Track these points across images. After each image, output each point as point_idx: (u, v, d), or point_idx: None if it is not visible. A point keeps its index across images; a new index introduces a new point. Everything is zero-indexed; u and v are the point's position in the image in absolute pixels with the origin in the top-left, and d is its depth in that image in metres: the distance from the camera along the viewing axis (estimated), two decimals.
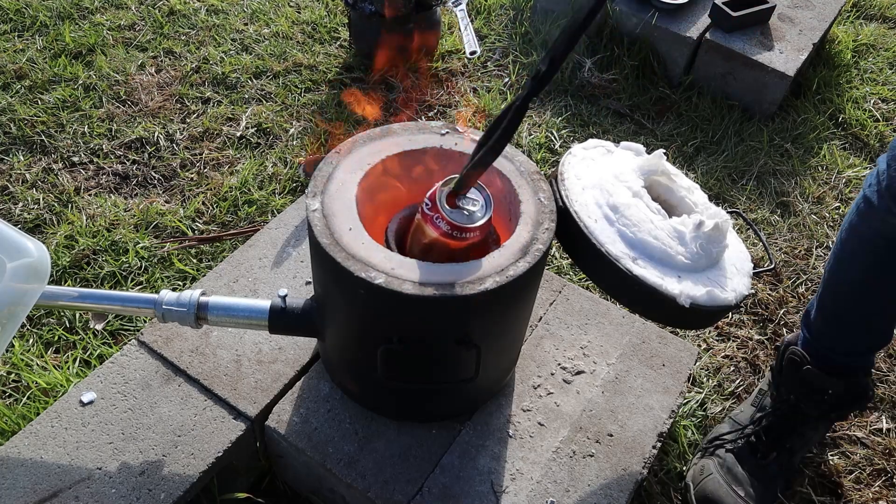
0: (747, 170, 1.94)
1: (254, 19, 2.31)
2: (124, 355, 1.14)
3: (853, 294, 1.19)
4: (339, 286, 0.91)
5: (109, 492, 0.98)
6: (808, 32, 2.19)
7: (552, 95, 2.12)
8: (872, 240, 1.11)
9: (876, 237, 1.11)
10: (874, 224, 1.10)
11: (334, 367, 1.09)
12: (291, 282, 1.28)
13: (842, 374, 1.21)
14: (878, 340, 1.22)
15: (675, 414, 1.17)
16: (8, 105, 1.90)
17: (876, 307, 1.18)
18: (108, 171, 1.77)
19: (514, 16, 2.38)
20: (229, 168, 1.79)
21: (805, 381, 1.22)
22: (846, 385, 1.20)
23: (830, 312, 1.22)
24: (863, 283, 1.17)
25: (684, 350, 1.26)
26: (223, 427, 1.06)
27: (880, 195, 1.06)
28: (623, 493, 1.05)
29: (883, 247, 1.10)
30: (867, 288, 1.17)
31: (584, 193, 0.99)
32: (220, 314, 1.01)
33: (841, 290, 1.20)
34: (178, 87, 2.02)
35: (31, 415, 1.22)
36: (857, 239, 1.14)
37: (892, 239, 1.09)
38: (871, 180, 1.09)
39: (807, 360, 1.23)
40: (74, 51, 2.10)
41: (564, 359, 1.21)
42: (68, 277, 1.51)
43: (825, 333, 1.23)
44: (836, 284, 1.21)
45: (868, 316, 1.20)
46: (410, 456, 1.05)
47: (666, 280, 0.93)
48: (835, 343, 1.23)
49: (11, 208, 1.65)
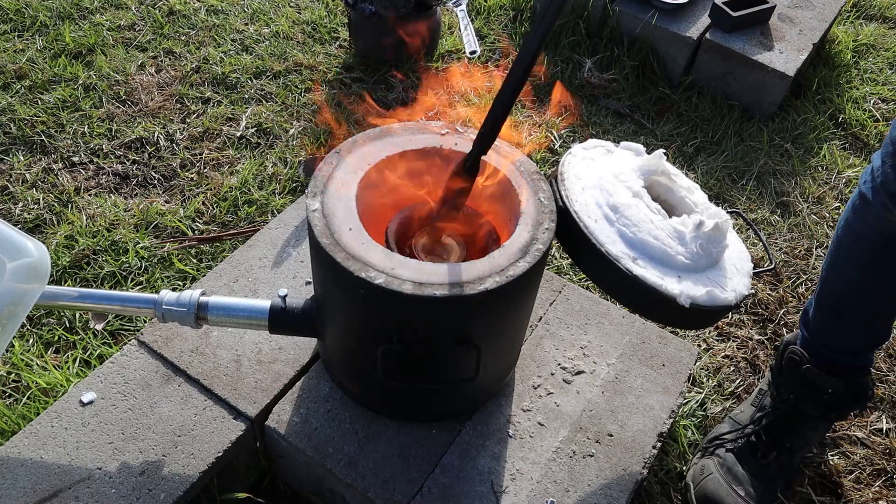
0: (747, 170, 1.94)
1: (254, 19, 2.31)
2: (124, 355, 1.14)
3: (851, 292, 1.18)
4: (339, 286, 0.91)
5: (109, 492, 0.98)
6: (808, 32, 2.19)
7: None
8: (869, 237, 1.11)
9: (872, 234, 1.11)
10: (870, 221, 1.10)
11: (334, 367, 1.09)
12: (291, 282, 1.28)
13: (841, 373, 1.21)
14: (877, 338, 1.22)
15: (675, 414, 1.17)
16: (8, 105, 1.90)
17: (874, 305, 1.18)
18: (108, 171, 1.77)
19: (514, 16, 2.38)
20: (229, 168, 1.79)
21: (805, 381, 1.22)
22: (846, 384, 1.20)
23: (828, 311, 1.22)
24: (860, 281, 1.16)
25: (684, 350, 1.26)
26: (223, 427, 1.06)
27: (875, 191, 1.06)
28: (623, 493, 1.05)
29: (879, 243, 1.10)
30: (864, 286, 1.16)
31: (584, 193, 0.99)
32: (220, 314, 1.01)
33: (838, 289, 1.20)
34: (178, 87, 2.02)
35: (31, 415, 1.22)
36: (854, 236, 1.14)
37: (888, 235, 1.09)
38: (865, 177, 1.09)
39: (806, 360, 1.23)
40: (74, 51, 2.10)
41: (564, 359, 1.21)
42: (68, 277, 1.51)
43: (824, 332, 1.23)
44: (833, 283, 1.20)
45: (866, 314, 1.20)
46: (410, 456, 1.05)
47: (666, 280, 0.93)
48: (833, 342, 1.22)
49: (11, 208, 1.65)
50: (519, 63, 0.83)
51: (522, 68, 0.83)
